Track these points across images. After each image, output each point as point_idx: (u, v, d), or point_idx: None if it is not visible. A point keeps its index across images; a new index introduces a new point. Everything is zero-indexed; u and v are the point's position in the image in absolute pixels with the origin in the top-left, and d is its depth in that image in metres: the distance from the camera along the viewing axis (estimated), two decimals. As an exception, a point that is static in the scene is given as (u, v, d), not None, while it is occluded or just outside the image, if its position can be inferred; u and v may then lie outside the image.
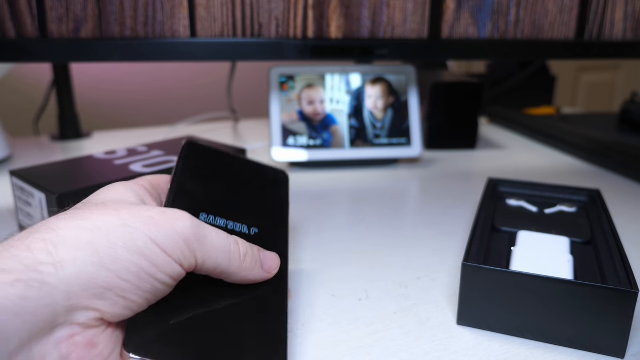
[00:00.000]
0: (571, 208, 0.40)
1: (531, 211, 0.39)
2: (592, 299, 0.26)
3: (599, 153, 0.65)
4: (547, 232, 0.36)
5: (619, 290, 0.26)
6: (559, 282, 0.27)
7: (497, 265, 0.32)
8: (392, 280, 0.35)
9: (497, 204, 0.41)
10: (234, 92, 0.94)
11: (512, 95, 0.94)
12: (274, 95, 0.59)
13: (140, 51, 0.43)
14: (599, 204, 0.40)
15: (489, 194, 0.41)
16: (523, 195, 0.43)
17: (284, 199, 0.33)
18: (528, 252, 0.32)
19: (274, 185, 0.33)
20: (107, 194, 0.26)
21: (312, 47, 0.46)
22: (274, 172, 0.34)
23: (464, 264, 0.29)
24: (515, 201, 0.41)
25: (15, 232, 0.37)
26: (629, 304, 0.26)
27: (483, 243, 0.33)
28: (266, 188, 0.32)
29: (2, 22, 0.40)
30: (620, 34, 0.50)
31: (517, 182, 0.43)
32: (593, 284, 0.26)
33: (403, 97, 0.62)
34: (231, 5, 0.44)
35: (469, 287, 0.29)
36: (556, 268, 0.30)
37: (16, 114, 1.02)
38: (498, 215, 0.38)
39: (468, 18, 0.47)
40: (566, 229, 0.36)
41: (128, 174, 0.41)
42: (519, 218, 0.38)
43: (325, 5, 0.45)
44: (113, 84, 1.14)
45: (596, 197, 0.41)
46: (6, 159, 0.66)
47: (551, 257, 0.31)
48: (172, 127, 0.84)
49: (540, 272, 0.28)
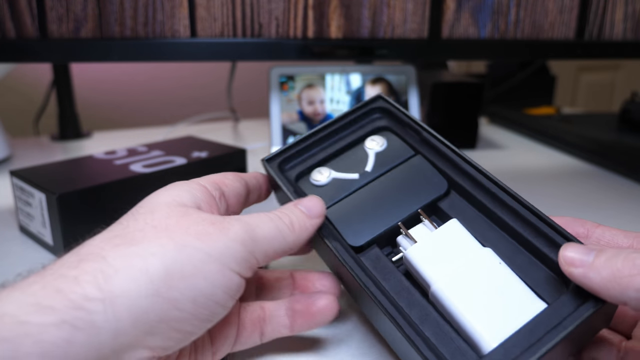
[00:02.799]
0: (380, 145, 0.32)
1: (352, 179, 0.31)
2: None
3: (599, 153, 0.65)
4: (401, 210, 0.29)
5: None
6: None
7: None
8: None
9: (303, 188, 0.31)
10: (234, 92, 0.94)
11: (512, 95, 0.93)
12: (274, 95, 0.59)
13: (140, 51, 0.43)
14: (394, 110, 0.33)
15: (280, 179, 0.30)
16: (313, 160, 0.32)
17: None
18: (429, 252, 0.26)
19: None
20: (160, 197, 0.24)
21: (312, 47, 0.46)
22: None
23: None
24: (320, 174, 0.31)
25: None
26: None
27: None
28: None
29: (2, 22, 0.40)
30: (620, 34, 0.50)
31: (289, 148, 0.32)
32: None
33: (403, 97, 0.62)
34: (231, 5, 0.44)
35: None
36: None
37: (16, 114, 1.02)
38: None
39: (468, 18, 0.47)
40: (414, 188, 0.30)
41: (128, 174, 0.41)
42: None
43: (325, 5, 0.45)
44: (113, 84, 1.13)
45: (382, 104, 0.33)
46: (6, 159, 0.66)
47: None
48: (172, 127, 0.84)
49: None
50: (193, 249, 0.21)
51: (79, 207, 0.37)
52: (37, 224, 0.40)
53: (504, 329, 0.22)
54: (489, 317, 0.23)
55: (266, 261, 0.24)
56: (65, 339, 0.17)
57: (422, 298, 0.25)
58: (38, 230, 0.40)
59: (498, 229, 0.27)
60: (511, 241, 0.26)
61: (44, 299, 0.18)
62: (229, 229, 0.22)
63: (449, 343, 0.23)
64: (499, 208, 0.27)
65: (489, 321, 0.23)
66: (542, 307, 0.23)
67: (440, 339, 0.23)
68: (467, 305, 0.23)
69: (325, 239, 0.27)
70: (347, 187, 0.30)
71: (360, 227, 0.28)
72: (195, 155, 0.46)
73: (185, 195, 0.25)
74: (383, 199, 0.29)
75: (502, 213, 0.27)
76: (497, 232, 0.27)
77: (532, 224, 0.25)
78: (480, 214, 0.28)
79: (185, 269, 0.20)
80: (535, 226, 0.25)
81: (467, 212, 0.28)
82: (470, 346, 0.23)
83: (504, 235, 0.27)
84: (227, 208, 0.28)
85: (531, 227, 0.26)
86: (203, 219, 0.23)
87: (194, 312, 0.20)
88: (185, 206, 0.24)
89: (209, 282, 0.21)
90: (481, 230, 0.27)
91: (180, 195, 0.24)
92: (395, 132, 0.33)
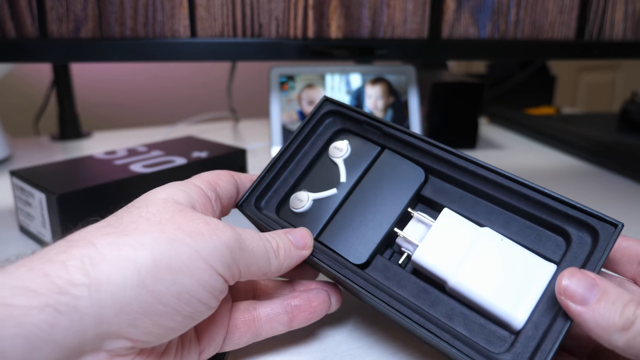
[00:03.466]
0: (344, 151, 0.31)
1: (331, 196, 0.30)
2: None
3: (599, 153, 0.65)
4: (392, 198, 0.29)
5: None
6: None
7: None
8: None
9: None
10: (234, 92, 0.94)
11: (512, 95, 0.93)
12: (274, 95, 0.59)
13: (140, 51, 0.43)
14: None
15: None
16: (286, 187, 0.31)
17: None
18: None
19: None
20: (158, 194, 0.24)
21: (312, 47, 0.46)
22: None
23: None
24: (299, 201, 0.30)
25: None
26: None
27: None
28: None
29: (2, 22, 0.40)
30: (620, 34, 0.50)
31: (257, 185, 0.31)
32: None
33: (403, 97, 0.62)
34: (231, 5, 0.44)
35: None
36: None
37: (16, 114, 1.02)
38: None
39: (468, 18, 0.47)
40: (393, 185, 0.29)
41: (128, 174, 0.41)
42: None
43: (325, 5, 0.45)
44: (113, 84, 1.13)
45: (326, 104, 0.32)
46: (6, 159, 0.66)
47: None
48: (172, 127, 0.84)
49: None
50: (183, 244, 0.21)
51: (79, 207, 0.37)
52: (37, 224, 0.40)
53: (528, 301, 0.23)
54: (510, 295, 0.24)
55: (246, 276, 0.24)
56: (49, 323, 0.17)
57: (442, 294, 0.26)
58: (38, 230, 0.40)
59: (486, 202, 0.27)
60: (501, 210, 0.27)
61: (29, 283, 0.18)
62: (222, 233, 0.22)
63: (481, 331, 0.24)
64: (480, 183, 0.27)
65: (512, 298, 0.24)
66: (553, 269, 0.24)
67: (472, 330, 0.24)
68: (487, 290, 0.24)
69: (331, 267, 0.27)
70: (330, 204, 0.30)
71: (358, 243, 0.28)
72: (195, 155, 0.46)
73: (181, 195, 0.25)
74: (369, 206, 0.29)
75: (485, 187, 0.27)
76: (485, 205, 0.27)
77: (514, 190, 0.26)
78: (464, 192, 0.28)
79: (173, 263, 0.21)
80: (517, 192, 0.26)
81: (452, 193, 0.28)
82: (502, 326, 0.24)
83: (493, 206, 0.27)
84: (221, 210, 0.28)
85: (514, 193, 0.26)
86: (198, 217, 0.23)
87: (177, 307, 0.21)
88: (181, 204, 0.24)
89: (194, 279, 0.21)
90: (471, 207, 0.28)
91: (176, 193, 0.25)
92: (353, 131, 0.32)
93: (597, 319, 0.20)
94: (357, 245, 0.28)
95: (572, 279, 0.21)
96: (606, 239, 0.24)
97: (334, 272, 0.27)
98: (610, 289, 0.20)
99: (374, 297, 0.25)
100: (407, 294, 0.26)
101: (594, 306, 0.20)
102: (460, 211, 0.27)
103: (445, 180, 0.29)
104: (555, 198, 0.25)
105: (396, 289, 0.26)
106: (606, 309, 0.20)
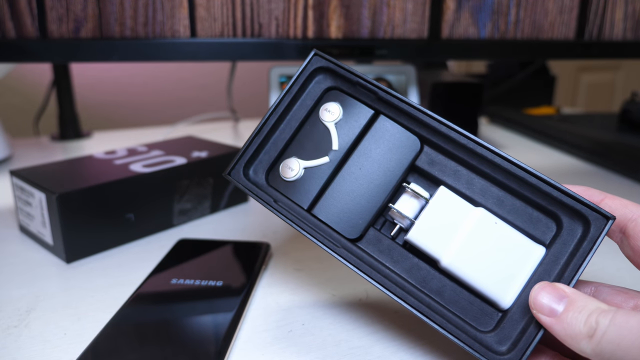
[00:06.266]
0: (336, 114, 0.30)
1: (323, 164, 0.29)
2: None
3: (599, 153, 0.65)
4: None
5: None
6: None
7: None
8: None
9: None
10: (234, 92, 0.94)
11: (512, 95, 0.94)
12: (274, 95, 0.59)
13: (140, 51, 0.43)
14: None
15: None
16: (275, 151, 0.30)
17: (256, 262, 0.37)
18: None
19: (250, 252, 0.38)
20: None
21: (312, 47, 0.46)
22: (254, 244, 0.39)
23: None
24: (290, 170, 0.29)
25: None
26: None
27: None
28: (241, 255, 0.38)
29: (2, 22, 0.40)
30: (620, 34, 0.50)
31: (245, 151, 0.29)
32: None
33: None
34: (231, 5, 0.44)
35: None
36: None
37: (16, 114, 1.02)
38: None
39: (468, 18, 0.47)
40: (387, 154, 0.29)
41: (128, 173, 0.41)
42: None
43: (325, 5, 0.45)
44: (113, 84, 1.14)
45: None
46: (6, 159, 0.66)
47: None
48: (172, 127, 0.84)
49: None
50: None
51: (79, 207, 0.37)
52: (37, 223, 0.40)
53: (517, 283, 0.25)
54: (500, 276, 0.25)
55: None
56: None
57: (433, 270, 0.26)
58: (38, 230, 0.40)
59: (481, 179, 0.27)
60: (496, 189, 0.27)
61: None
62: None
63: (469, 308, 0.26)
64: (478, 160, 0.27)
65: (501, 280, 0.25)
66: (542, 253, 0.25)
67: (460, 307, 0.26)
68: (478, 272, 0.25)
69: (324, 245, 0.27)
70: (322, 173, 0.29)
71: (351, 216, 0.28)
72: (195, 155, 0.46)
73: None
74: (362, 177, 0.28)
75: (482, 165, 0.27)
76: (480, 181, 0.27)
77: (512, 173, 0.26)
78: (460, 166, 0.28)
79: None
80: (514, 174, 0.26)
81: (447, 166, 0.28)
82: (490, 304, 0.25)
83: (489, 184, 0.27)
84: None
85: (511, 175, 0.26)
86: None
87: None
88: None
89: None
90: (465, 182, 0.27)
91: None
92: (346, 91, 0.30)
93: (565, 328, 0.21)
94: (350, 218, 0.28)
95: (541, 293, 0.22)
96: (597, 231, 0.24)
97: (328, 249, 0.27)
98: (577, 299, 0.21)
99: (368, 277, 0.26)
100: (400, 270, 0.27)
101: (562, 317, 0.21)
102: (455, 185, 0.27)
103: (440, 151, 0.28)
104: (552, 185, 0.25)
105: (390, 264, 0.27)
106: (572, 318, 0.21)
